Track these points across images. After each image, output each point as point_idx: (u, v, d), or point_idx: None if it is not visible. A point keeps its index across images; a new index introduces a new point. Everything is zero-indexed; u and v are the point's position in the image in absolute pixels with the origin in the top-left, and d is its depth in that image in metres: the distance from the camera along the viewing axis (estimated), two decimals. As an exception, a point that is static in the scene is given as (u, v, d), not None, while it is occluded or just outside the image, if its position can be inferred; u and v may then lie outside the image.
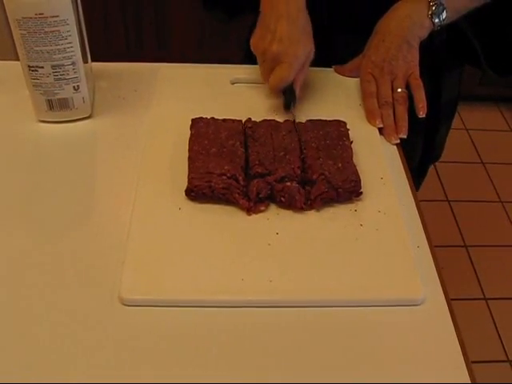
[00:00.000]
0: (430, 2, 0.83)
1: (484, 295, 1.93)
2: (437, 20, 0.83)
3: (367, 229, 0.70)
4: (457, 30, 0.90)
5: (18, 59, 0.86)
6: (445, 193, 2.27)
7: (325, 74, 0.95)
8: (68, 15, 0.74)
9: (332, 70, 0.95)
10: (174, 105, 0.86)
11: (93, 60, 0.88)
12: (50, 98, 0.81)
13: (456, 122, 2.54)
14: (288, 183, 0.71)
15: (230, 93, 0.90)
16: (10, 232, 0.69)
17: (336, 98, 0.90)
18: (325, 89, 0.92)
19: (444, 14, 0.83)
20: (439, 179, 2.32)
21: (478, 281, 1.97)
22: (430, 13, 0.83)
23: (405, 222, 0.71)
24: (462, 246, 2.07)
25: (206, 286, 0.63)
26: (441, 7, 0.82)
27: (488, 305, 1.90)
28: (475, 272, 1.99)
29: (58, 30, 0.75)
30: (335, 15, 0.95)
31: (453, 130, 2.50)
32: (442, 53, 0.94)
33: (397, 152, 0.83)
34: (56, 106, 0.82)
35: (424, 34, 0.84)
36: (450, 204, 2.23)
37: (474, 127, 2.57)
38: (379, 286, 0.64)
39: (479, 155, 2.44)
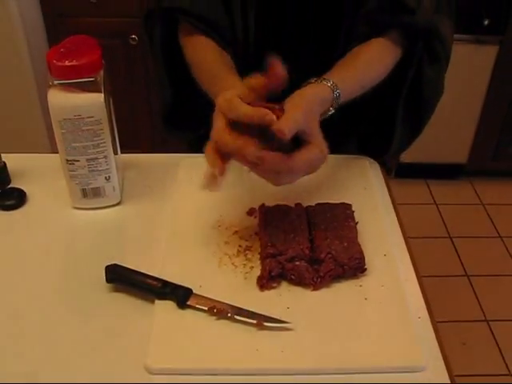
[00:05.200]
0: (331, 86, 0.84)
1: (509, 371, 1.92)
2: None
3: (371, 302, 0.76)
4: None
5: (51, 152, 0.95)
6: (463, 267, 2.30)
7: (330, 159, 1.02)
8: (101, 115, 0.84)
9: (336, 156, 0.98)
10: (195, 190, 0.90)
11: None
12: (84, 187, 0.90)
13: (472, 196, 2.59)
14: (297, 262, 0.77)
15: (248, 179, 0.97)
16: (49, 310, 0.77)
17: (342, 182, 0.97)
18: (331, 173, 0.98)
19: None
20: (457, 254, 2.35)
21: (502, 356, 1.97)
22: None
23: (407, 296, 0.77)
24: (483, 321, 2.08)
25: (224, 355, 0.69)
26: (337, 91, 0.84)
27: (513, 380, 1.89)
28: (498, 347, 1.99)
29: (93, 129, 0.85)
30: None
31: (469, 206, 2.56)
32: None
33: (399, 229, 0.89)
34: (89, 194, 0.91)
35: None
36: (469, 279, 2.25)
37: (490, 202, 2.62)
38: (384, 354, 0.70)
39: (497, 229, 2.48)
